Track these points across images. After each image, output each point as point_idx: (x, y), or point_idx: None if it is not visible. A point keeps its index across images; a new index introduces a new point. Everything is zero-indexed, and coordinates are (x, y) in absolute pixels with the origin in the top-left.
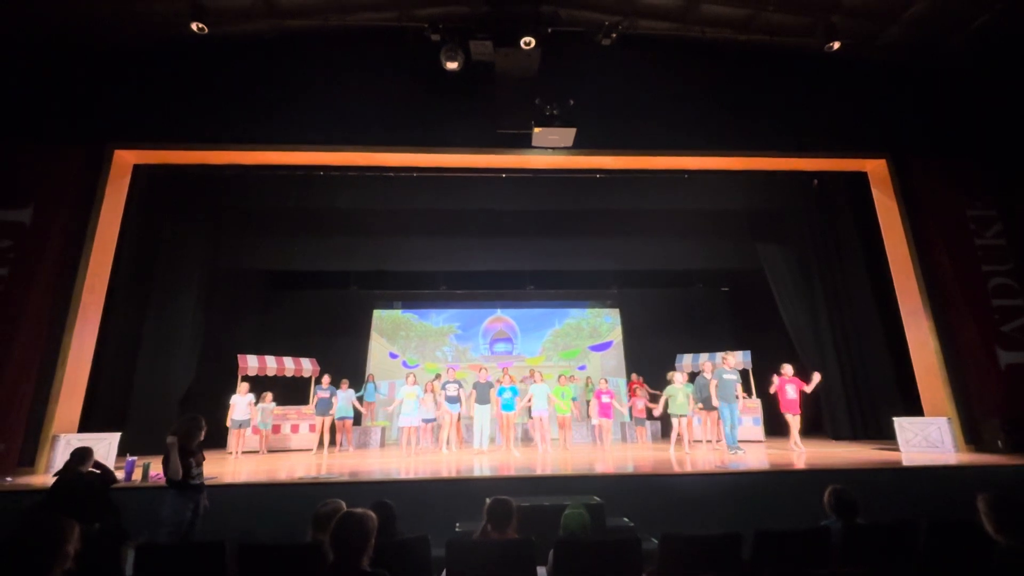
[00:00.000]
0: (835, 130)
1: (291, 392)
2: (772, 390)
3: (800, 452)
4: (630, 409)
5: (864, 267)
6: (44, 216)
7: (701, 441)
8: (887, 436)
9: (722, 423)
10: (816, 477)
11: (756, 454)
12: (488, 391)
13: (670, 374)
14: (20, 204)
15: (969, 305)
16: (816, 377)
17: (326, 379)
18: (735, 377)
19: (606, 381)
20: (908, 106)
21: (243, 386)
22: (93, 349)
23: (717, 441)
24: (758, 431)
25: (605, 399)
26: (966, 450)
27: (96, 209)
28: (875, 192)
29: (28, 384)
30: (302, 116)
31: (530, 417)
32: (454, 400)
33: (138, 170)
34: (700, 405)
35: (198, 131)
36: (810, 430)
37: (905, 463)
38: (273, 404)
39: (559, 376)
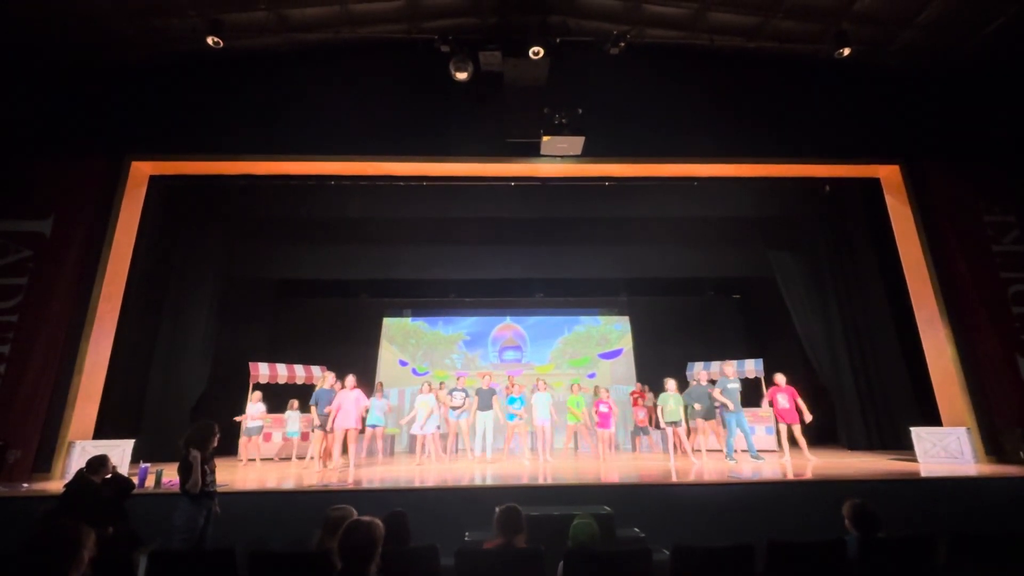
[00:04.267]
0: (847, 136)
1: (302, 400)
2: (766, 401)
3: (787, 460)
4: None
5: (878, 274)
6: (63, 226)
7: (714, 451)
8: (904, 446)
9: (727, 432)
10: (830, 488)
11: (768, 464)
12: (491, 397)
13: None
14: (41, 215)
15: (988, 313)
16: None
17: (331, 378)
18: (737, 385)
19: (606, 391)
20: (921, 111)
21: (256, 394)
22: (109, 357)
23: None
24: (770, 440)
25: (603, 409)
26: (986, 461)
27: (113, 219)
28: (888, 198)
29: (45, 391)
30: (314, 127)
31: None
32: (458, 409)
33: (154, 181)
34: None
35: (212, 142)
36: (825, 440)
37: (923, 474)
38: (298, 412)
39: (572, 385)
